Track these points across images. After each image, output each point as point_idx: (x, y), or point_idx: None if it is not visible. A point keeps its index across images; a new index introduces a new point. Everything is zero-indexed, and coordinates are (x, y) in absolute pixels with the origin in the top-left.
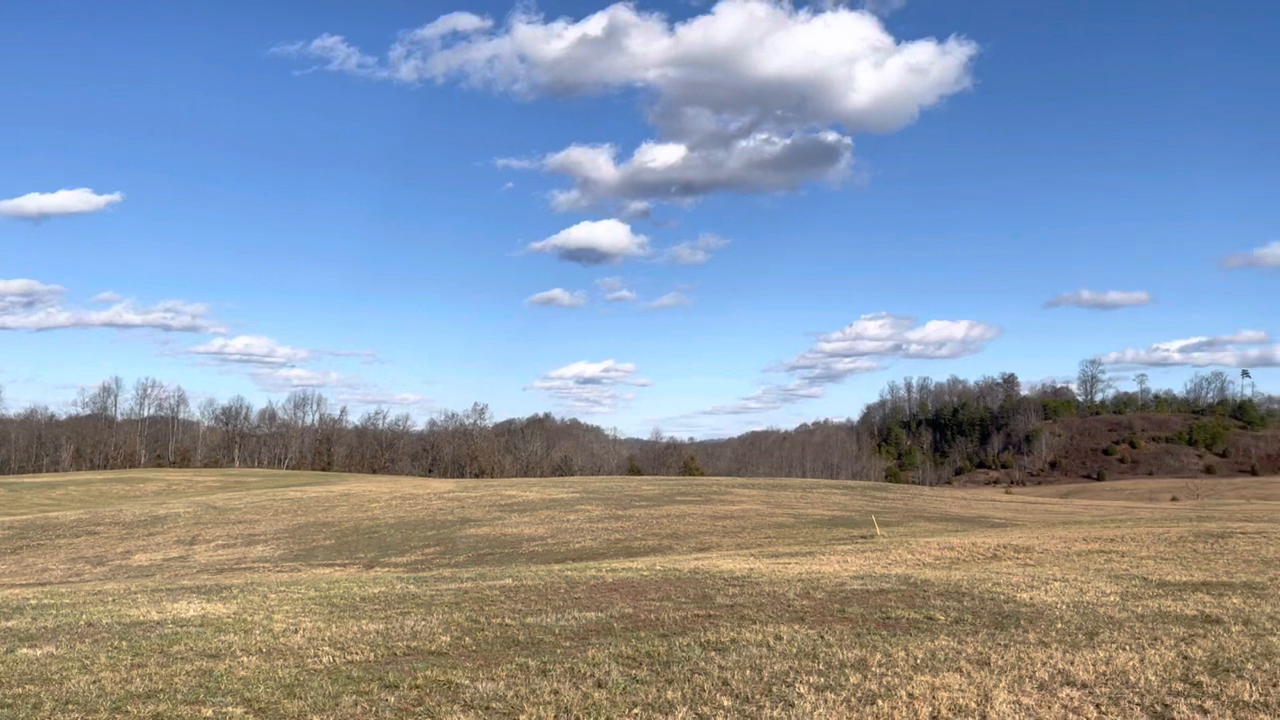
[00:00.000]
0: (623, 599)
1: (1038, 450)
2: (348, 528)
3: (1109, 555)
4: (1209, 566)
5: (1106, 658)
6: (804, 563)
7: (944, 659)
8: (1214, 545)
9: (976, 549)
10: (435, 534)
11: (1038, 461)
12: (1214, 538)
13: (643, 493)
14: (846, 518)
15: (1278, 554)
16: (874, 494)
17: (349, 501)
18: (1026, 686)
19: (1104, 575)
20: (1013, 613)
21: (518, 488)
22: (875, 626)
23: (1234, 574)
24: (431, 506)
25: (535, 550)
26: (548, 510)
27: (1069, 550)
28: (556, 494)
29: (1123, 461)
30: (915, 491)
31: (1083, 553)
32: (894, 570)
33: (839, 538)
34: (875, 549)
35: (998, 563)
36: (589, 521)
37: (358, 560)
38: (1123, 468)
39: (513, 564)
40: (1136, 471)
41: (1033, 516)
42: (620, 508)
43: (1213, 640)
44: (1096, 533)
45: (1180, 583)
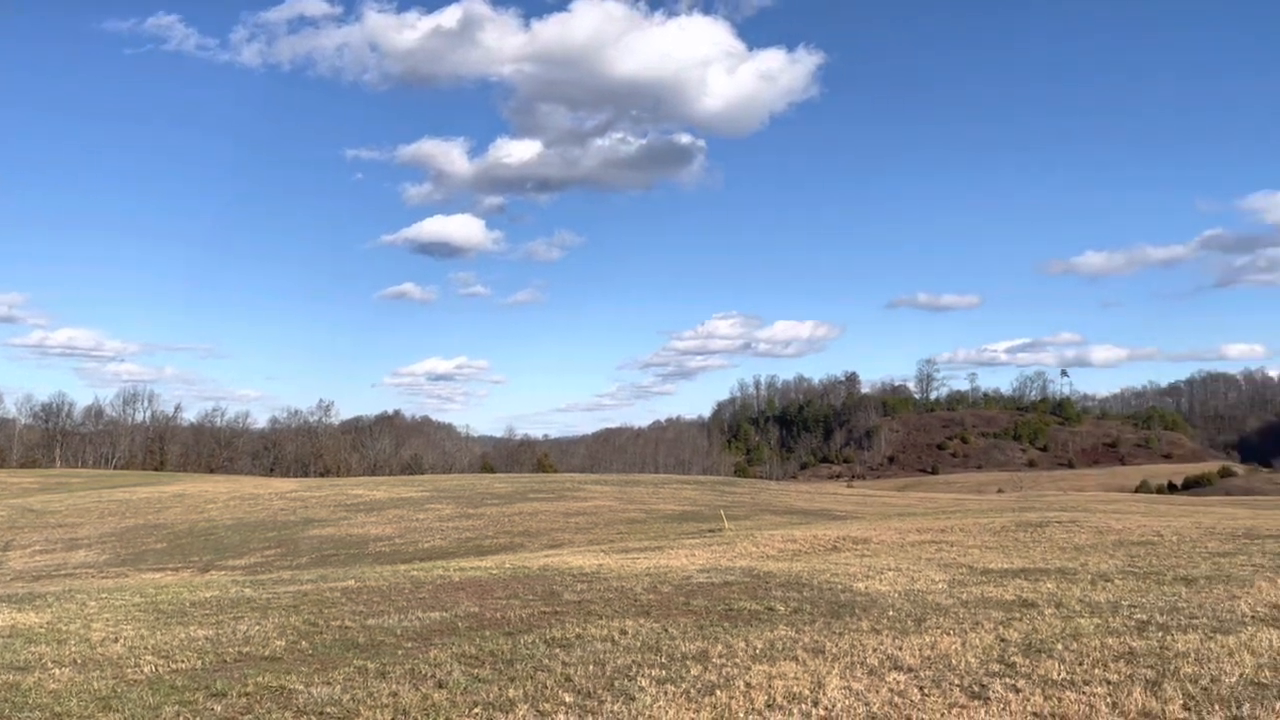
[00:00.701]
0: (469, 598)
1: (877, 445)
2: (181, 530)
3: (940, 545)
4: (1028, 554)
5: (932, 642)
6: (653, 557)
7: (782, 648)
8: (1033, 534)
9: (818, 541)
10: (276, 535)
11: (877, 456)
12: (1033, 527)
13: (495, 491)
14: (696, 512)
15: (1088, 541)
16: (723, 489)
17: (183, 502)
18: (857, 672)
19: (934, 564)
20: (849, 602)
21: (365, 487)
22: (718, 619)
23: (1049, 560)
24: (273, 507)
25: (382, 550)
26: (396, 509)
27: (903, 541)
28: (406, 493)
29: (955, 456)
30: (762, 486)
31: (916, 543)
32: (739, 563)
33: (688, 532)
34: (722, 543)
35: (837, 554)
36: (439, 520)
37: (191, 564)
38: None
39: (358, 565)
40: (967, 465)
41: (872, 509)
42: (472, 506)
43: (1028, 623)
44: (929, 524)
45: (1002, 570)
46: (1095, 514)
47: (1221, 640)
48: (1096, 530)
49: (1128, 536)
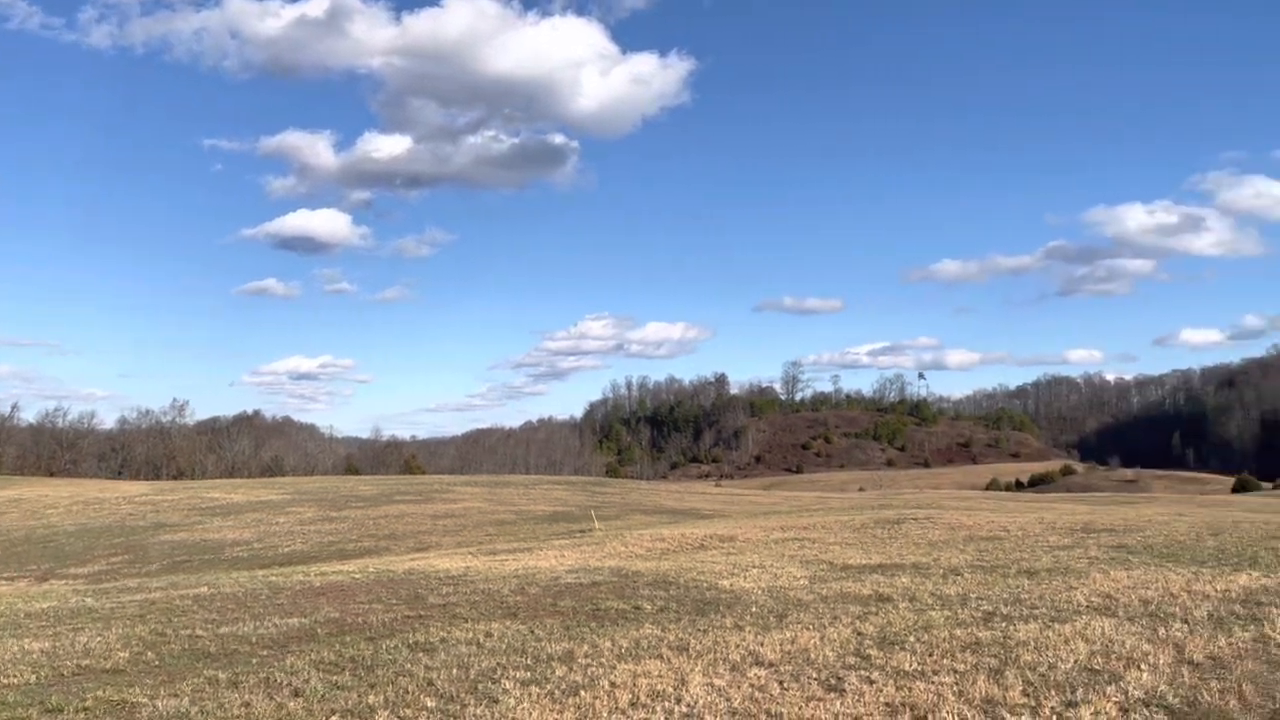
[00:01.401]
0: (330, 603)
1: (745, 445)
2: (18, 537)
3: (803, 542)
4: (885, 550)
5: (792, 637)
6: (522, 559)
7: (647, 647)
8: (890, 531)
9: (686, 539)
10: (124, 541)
11: (745, 456)
12: (891, 524)
13: (360, 493)
14: (567, 513)
15: (941, 537)
16: (594, 489)
17: (20, 507)
18: (720, 668)
19: (797, 561)
20: (714, 599)
21: (222, 489)
22: (586, 619)
23: (905, 556)
24: (120, 511)
25: (239, 556)
26: (255, 513)
27: (768, 539)
28: (265, 495)
29: (819, 455)
30: (633, 486)
31: (780, 541)
32: (608, 563)
33: (559, 533)
34: (592, 543)
35: (704, 552)
36: (300, 524)
37: (28, 573)
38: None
39: (212, 571)
40: (830, 464)
41: (739, 508)
42: (335, 509)
43: (883, 617)
44: (793, 522)
45: (861, 565)
46: (948, 511)
47: (1059, 629)
48: (949, 526)
49: (977, 532)
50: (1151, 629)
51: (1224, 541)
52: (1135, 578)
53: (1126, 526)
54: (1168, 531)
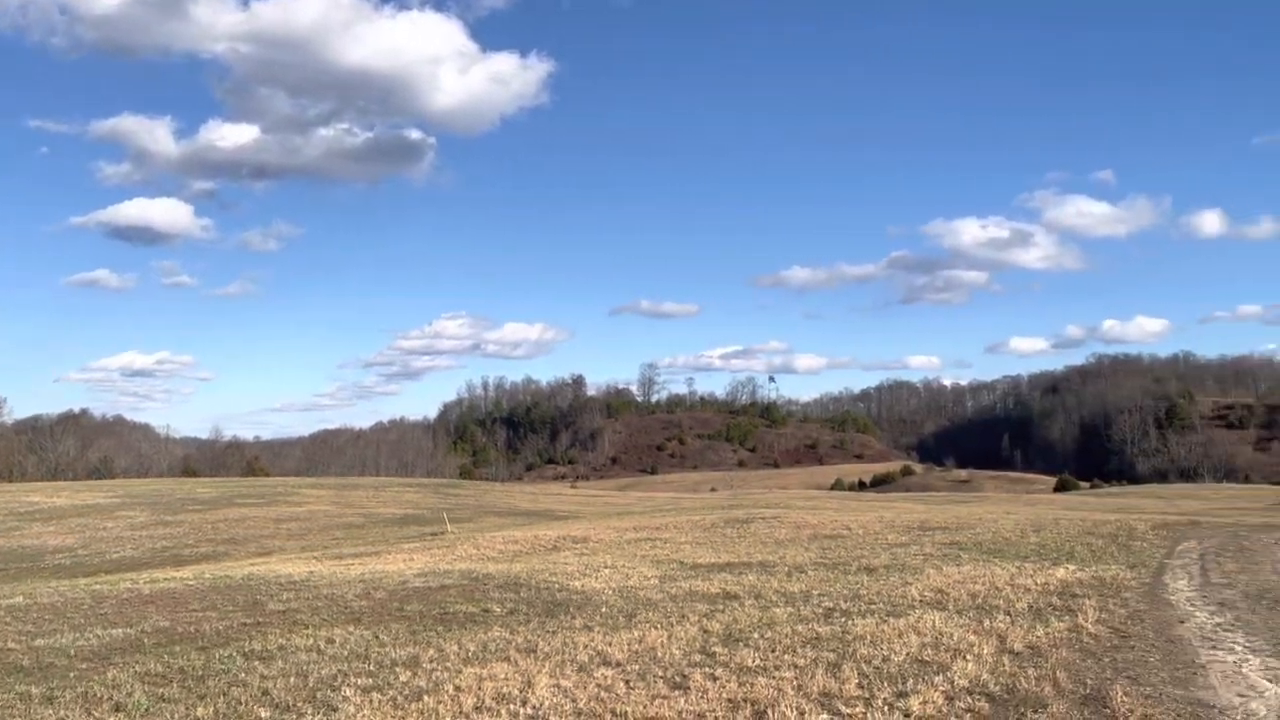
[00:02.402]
0: (160, 612)
1: (601, 447)
2: None
3: (655, 542)
4: (734, 549)
5: (640, 637)
6: (369, 562)
7: (495, 649)
8: (739, 530)
9: (539, 541)
10: None
11: (601, 457)
12: (740, 523)
13: (198, 496)
14: (418, 515)
15: (787, 536)
16: (447, 491)
17: None
18: (567, 670)
19: (649, 561)
20: (564, 600)
21: (43, 493)
22: (433, 622)
23: (752, 554)
24: None
25: (62, 563)
26: (80, 517)
27: (621, 539)
28: (93, 498)
29: (673, 457)
30: (487, 488)
31: (633, 541)
32: (459, 565)
33: (409, 535)
34: (443, 545)
35: (557, 553)
36: (131, 529)
37: None
38: (673, 462)
39: (29, 580)
40: (684, 466)
41: (594, 509)
42: (170, 513)
43: (729, 614)
44: (646, 522)
45: (709, 564)
46: (795, 510)
47: (894, 623)
48: (795, 525)
49: (822, 531)
50: (978, 621)
51: (1045, 538)
52: (965, 573)
53: (959, 524)
54: (996, 529)
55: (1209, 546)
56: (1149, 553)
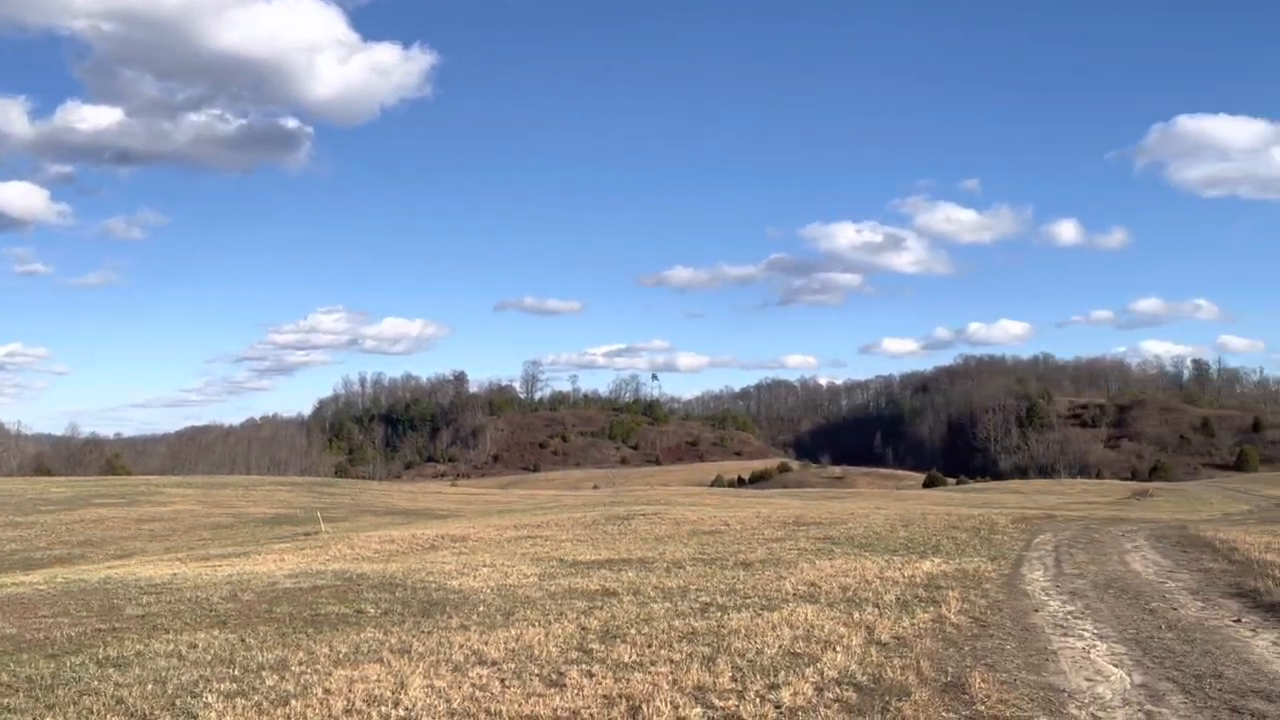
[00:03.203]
0: (5, 619)
1: (483, 444)
2: None
3: (535, 540)
4: (614, 546)
5: (518, 635)
6: (238, 564)
7: (368, 651)
8: (620, 527)
9: (416, 540)
10: None
11: (483, 455)
12: (621, 520)
13: (51, 496)
14: (291, 515)
15: (667, 532)
16: (322, 490)
17: None
18: (442, 670)
19: (528, 559)
20: (441, 600)
21: None
22: (303, 625)
23: (632, 551)
24: None
25: None
26: None
27: (501, 538)
28: None
29: (556, 454)
30: (364, 487)
31: (513, 539)
32: (332, 566)
33: (281, 536)
34: (316, 545)
35: (435, 552)
36: None
37: None
38: (556, 460)
39: None
40: (567, 463)
41: (474, 507)
42: (21, 514)
43: (607, 611)
44: (527, 520)
45: (590, 561)
46: (675, 507)
47: (768, 617)
48: (675, 522)
49: (701, 527)
50: (848, 613)
51: (913, 532)
52: (837, 566)
53: (833, 519)
54: (867, 524)
55: (1063, 539)
56: (1008, 545)
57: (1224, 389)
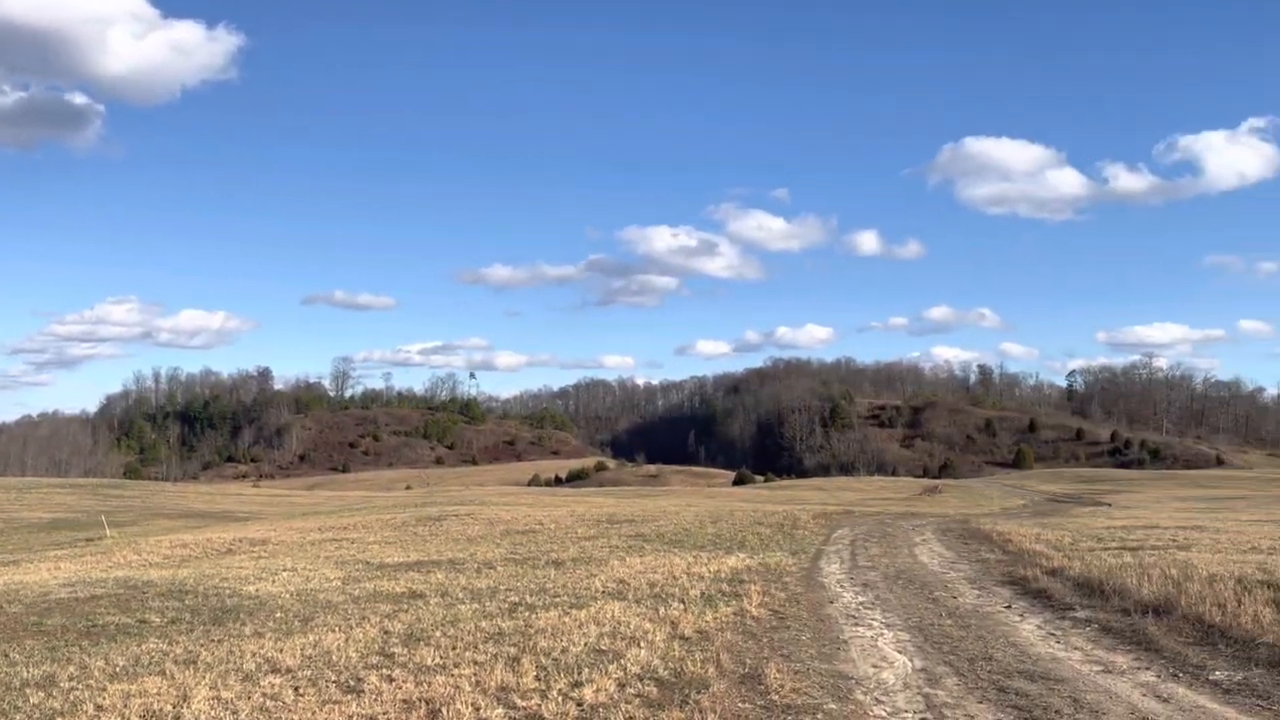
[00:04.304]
0: None
1: (289, 444)
2: None
3: (341, 543)
4: (424, 547)
5: (316, 641)
6: (6, 573)
7: (149, 663)
8: (431, 528)
9: (211, 544)
10: None
11: (288, 455)
12: (432, 521)
13: None
14: (72, 520)
15: (480, 532)
16: (108, 493)
17: None
18: (231, 680)
19: (332, 562)
20: (235, 607)
21: None
22: (78, 637)
23: (443, 552)
24: None
25: None
26: None
27: (304, 540)
28: None
29: (367, 454)
30: (158, 488)
31: (317, 541)
32: (115, 573)
33: (59, 542)
34: (99, 552)
35: (231, 557)
36: None
37: None
38: (367, 460)
39: None
40: (379, 463)
41: (278, 509)
42: None
43: (413, 614)
44: (334, 522)
45: (398, 563)
46: (490, 507)
47: (576, 614)
48: (488, 522)
49: (514, 526)
50: (654, 609)
51: (721, 528)
52: (647, 563)
53: (645, 517)
54: (678, 521)
55: (859, 533)
56: (809, 540)
57: (1005, 392)
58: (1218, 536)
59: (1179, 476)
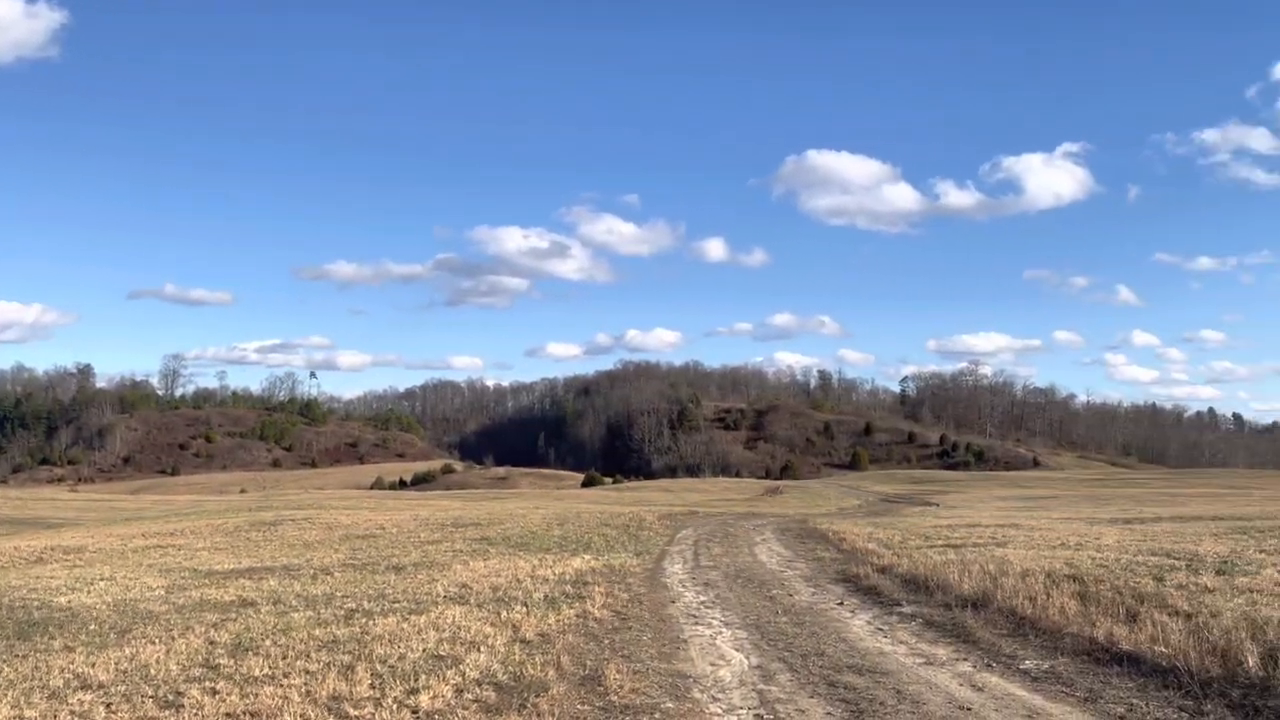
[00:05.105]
0: None
1: (112, 445)
2: None
3: (166, 549)
4: (258, 553)
5: (133, 654)
6: None
7: None
8: (266, 533)
9: (19, 553)
10: None
11: (111, 457)
12: (267, 526)
13: None
14: None
15: (318, 537)
16: None
17: None
18: (35, 698)
19: (156, 570)
20: (44, 619)
21: None
22: None
23: (278, 558)
24: None
25: None
26: None
27: (126, 547)
28: None
29: (199, 456)
30: None
31: (140, 548)
32: None
33: None
34: None
35: (42, 566)
36: None
37: None
38: (199, 462)
39: None
40: (212, 466)
41: (97, 515)
42: None
43: (242, 623)
44: (159, 527)
45: (228, 570)
46: (329, 511)
47: (415, 620)
48: (327, 526)
49: (354, 530)
50: (496, 613)
51: (568, 530)
52: (491, 566)
53: (491, 520)
54: (524, 523)
55: (703, 534)
56: (654, 541)
57: (843, 397)
58: (1032, 534)
59: (1000, 477)
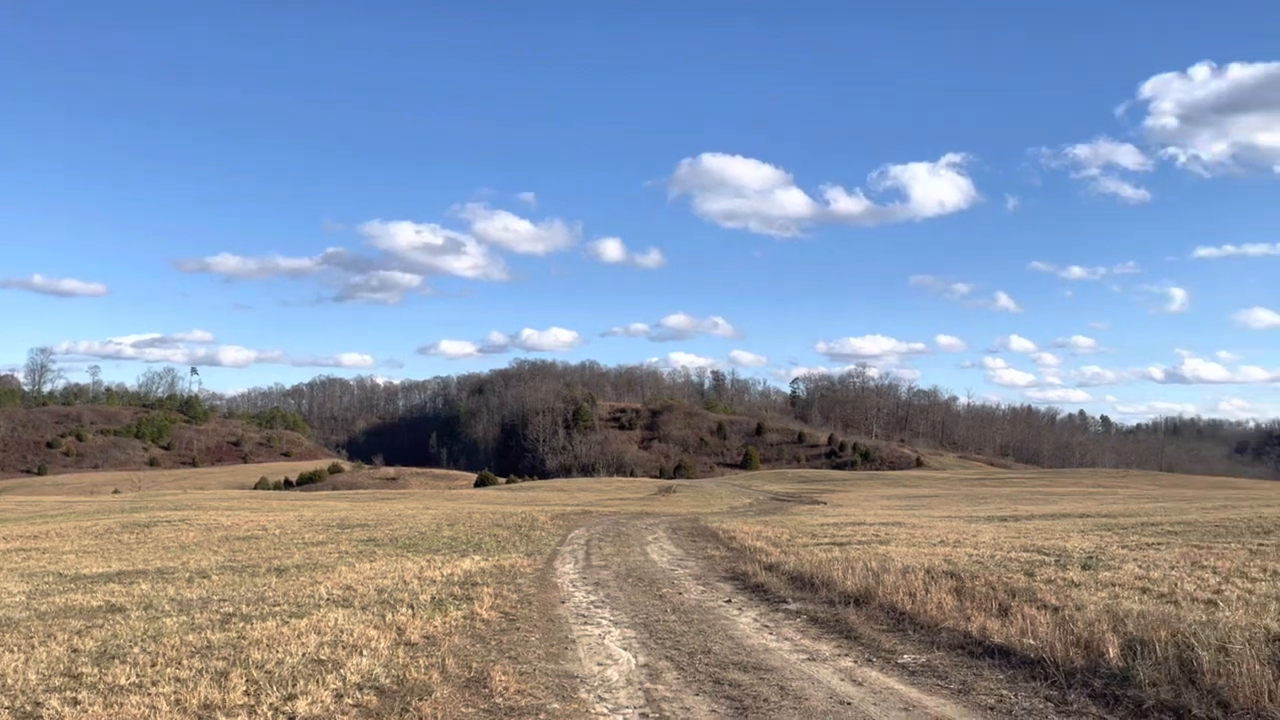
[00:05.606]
0: None
1: None
2: None
3: (30, 553)
4: (130, 556)
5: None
6: None
7: None
8: (139, 535)
9: None
10: None
11: None
12: (141, 527)
13: None
14: None
15: (195, 539)
16: None
17: None
18: None
19: (17, 574)
20: None
21: None
22: None
23: (151, 561)
24: None
25: None
26: None
27: None
28: None
29: (69, 455)
30: None
31: (1, 552)
32: None
33: None
34: None
35: None
36: None
37: None
38: (68, 461)
39: None
40: (82, 465)
41: None
42: None
43: (109, 629)
44: (22, 530)
45: (96, 574)
46: (209, 512)
47: (295, 624)
48: (206, 528)
49: (235, 532)
50: (381, 616)
51: (458, 531)
52: (377, 568)
53: (379, 520)
54: (413, 524)
55: (595, 533)
56: (546, 540)
57: (735, 398)
58: (914, 531)
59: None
